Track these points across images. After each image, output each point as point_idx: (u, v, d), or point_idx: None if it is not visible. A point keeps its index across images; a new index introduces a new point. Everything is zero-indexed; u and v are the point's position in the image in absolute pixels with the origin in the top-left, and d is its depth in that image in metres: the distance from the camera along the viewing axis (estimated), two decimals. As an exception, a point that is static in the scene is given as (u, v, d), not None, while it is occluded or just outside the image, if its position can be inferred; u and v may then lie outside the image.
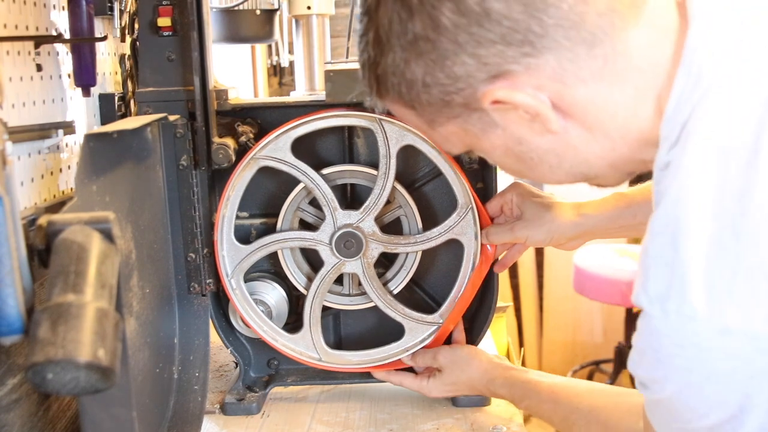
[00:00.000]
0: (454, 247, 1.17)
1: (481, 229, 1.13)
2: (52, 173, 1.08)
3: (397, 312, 1.16)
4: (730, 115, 0.64)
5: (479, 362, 1.12)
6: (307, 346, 1.18)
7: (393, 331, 1.18)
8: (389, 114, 1.08)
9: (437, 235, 1.14)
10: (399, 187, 1.14)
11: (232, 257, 1.14)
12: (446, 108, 0.72)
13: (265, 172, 1.13)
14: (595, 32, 0.67)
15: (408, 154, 1.17)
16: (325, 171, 1.14)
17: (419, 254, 1.16)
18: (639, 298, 0.66)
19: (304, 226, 1.18)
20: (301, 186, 1.14)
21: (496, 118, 0.72)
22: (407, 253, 1.16)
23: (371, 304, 1.17)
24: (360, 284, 1.16)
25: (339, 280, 1.19)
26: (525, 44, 0.66)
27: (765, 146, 0.62)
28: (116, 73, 1.34)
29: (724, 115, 0.64)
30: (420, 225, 1.15)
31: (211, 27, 1.10)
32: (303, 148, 1.16)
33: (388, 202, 1.14)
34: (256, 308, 1.16)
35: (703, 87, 0.65)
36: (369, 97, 0.78)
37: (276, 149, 1.11)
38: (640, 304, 0.66)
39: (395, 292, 1.17)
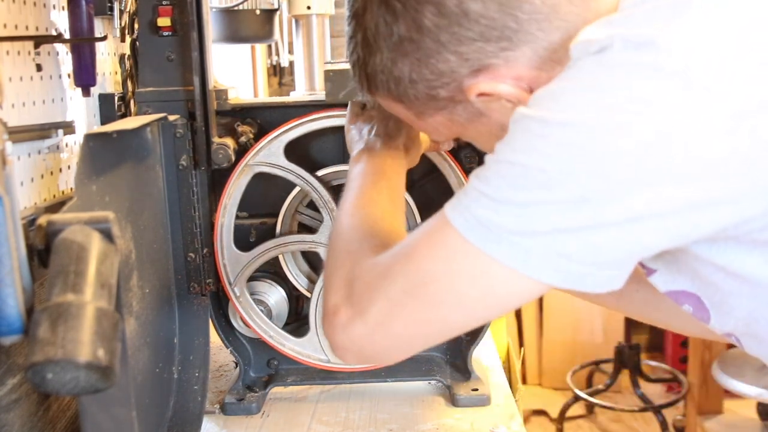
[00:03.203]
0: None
1: None
2: (52, 173, 1.08)
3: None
4: None
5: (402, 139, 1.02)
6: (315, 349, 1.18)
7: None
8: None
9: None
10: (396, 184, 1.13)
11: (233, 265, 1.14)
12: (432, 101, 0.76)
13: (263, 173, 1.13)
14: (568, 18, 0.70)
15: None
16: (320, 173, 1.14)
17: (419, 253, 1.16)
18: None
19: (304, 228, 1.18)
20: (297, 189, 1.14)
21: (480, 107, 0.76)
22: (407, 253, 1.16)
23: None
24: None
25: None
26: (502, 40, 0.70)
27: None
28: (116, 73, 1.34)
29: None
30: (419, 221, 1.15)
31: (211, 27, 1.10)
32: (302, 150, 1.16)
33: (386, 200, 1.14)
34: (262, 315, 1.16)
35: None
36: (360, 93, 0.83)
37: (269, 154, 1.11)
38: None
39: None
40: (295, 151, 1.13)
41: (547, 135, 0.62)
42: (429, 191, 1.19)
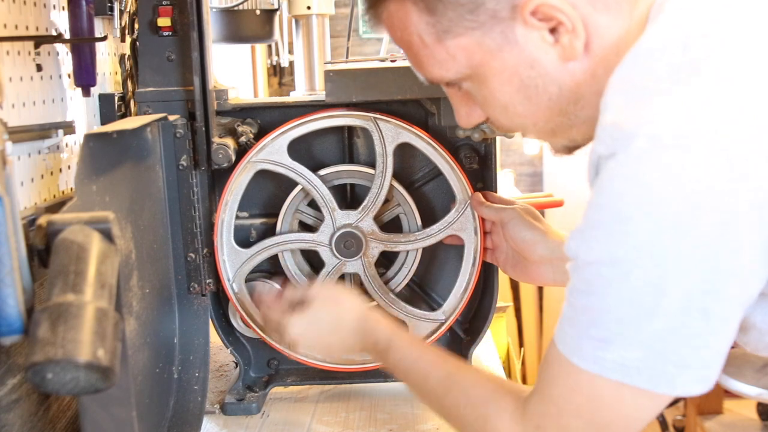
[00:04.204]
0: (453, 246, 1.17)
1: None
2: (52, 173, 1.08)
3: (399, 310, 1.16)
4: None
5: (354, 299, 1.02)
6: None
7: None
8: (384, 113, 1.09)
9: (437, 232, 1.14)
10: (397, 185, 1.14)
11: (232, 262, 1.14)
12: (471, 15, 0.73)
13: (264, 172, 1.13)
14: None
15: (406, 154, 1.17)
16: (322, 172, 1.14)
17: (419, 253, 1.16)
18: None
19: (304, 227, 1.18)
20: (299, 188, 1.14)
21: (518, 34, 0.73)
22: (407, 252, 1.16)
23: (373, 304, 1.17)
24: (361, 284, 1.16)
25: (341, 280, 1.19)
26: None
27: None
28: (116, 73, 1.34)
29: None
30: (419, 222, 1.15)
31: (211, 27, 1.10)
32: (302, 149, 1.16)
33: (387, 200, 1.14)
34: None
35: None
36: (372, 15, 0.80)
37: (272, 152, 1.11)
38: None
39: (396, 291, 1.17)
40: (296, 150, 1.13)
41: (619, 275, 0.66)
42: (429, 191, 1.19)
